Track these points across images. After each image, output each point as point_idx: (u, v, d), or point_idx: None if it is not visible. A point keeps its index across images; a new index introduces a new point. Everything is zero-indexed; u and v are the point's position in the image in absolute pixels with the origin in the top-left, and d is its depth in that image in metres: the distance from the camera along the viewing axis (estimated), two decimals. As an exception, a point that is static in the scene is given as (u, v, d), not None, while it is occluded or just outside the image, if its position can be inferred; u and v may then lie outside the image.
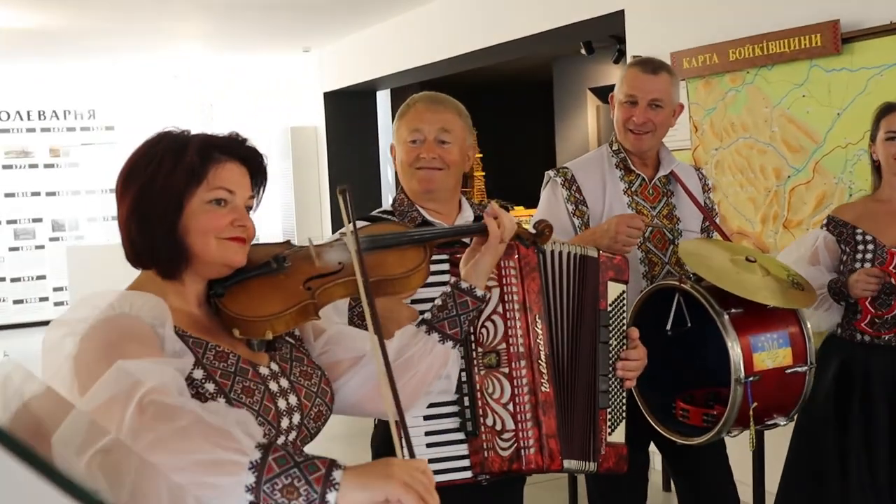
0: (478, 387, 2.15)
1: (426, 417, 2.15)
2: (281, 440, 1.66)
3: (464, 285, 1.96)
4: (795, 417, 2.82)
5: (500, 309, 2.16)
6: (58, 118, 10.93)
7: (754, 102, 4.50)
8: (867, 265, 3.03)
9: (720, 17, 4.66)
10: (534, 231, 2.12)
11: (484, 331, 2.16)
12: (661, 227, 3.02)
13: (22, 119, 10.81)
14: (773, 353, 2.65)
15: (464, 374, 2.14)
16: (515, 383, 2.15)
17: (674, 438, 2.81)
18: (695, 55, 4.72)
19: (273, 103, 10.28)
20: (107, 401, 1.38)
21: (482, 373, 2.15)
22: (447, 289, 1.97)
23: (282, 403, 1.68)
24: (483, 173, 11.29)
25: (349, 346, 1.87)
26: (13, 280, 10.75)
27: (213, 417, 1.40)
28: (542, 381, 2.17)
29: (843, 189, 4.10)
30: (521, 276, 2.18)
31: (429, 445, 2.15)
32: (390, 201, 2.58)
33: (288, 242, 1.90)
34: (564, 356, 2.24)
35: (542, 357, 2.18)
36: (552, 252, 2.24)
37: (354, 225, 1.66)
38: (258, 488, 1.37)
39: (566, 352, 2.24)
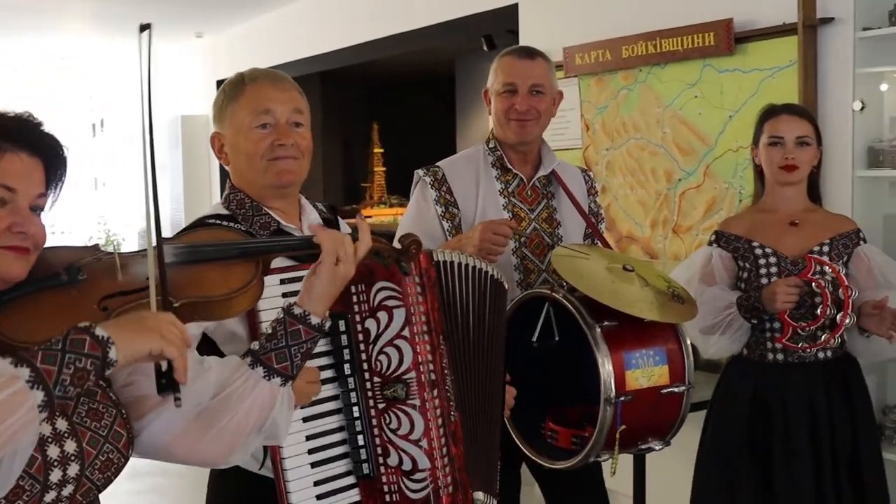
0: (374, 422, 1.87)
1: (314, 464, 1.86)
2: (50, 497, 1.37)
3: (297, 311, 1.64)
4: (672, 441, 2.62)
5: (406, 332, 1.87)
6: (-64, 99, 10.35)
7: (646, 102, 4.36)
8: (774, 279, 2.83)
9: (614, 13, 4.52)
10: (398, 247, 1.80)
11: (383, 358, 1.87)
12: (540, 231, 2.81)
13: None
14: (647, 370, 2.45)
15: (355, 409, 1.87)
16: (429, 416, 1.88)
17: (541, 461, 2.60)
18: (587, 51, 4.56)
19: (163, 90, 9.87)
20: None
21: (381, 406, 1.88)
22: (279, 314, 1.66)
23: (53, 451, 1.38)
24: (384, 169, 11.08)
25: None
26: None
27: None
28: (451, 408, 1.92)
29: (734, 194, 3.98)
30: (425, 293, 1.90)
31: (319, 497, 1.86)
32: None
33: (95, 247, 1.57)
34: (466, 377, 1.99)
35: (448, 382, 1.92)
36: (446, 262, 1.99)
37: (150, 122, 1.36)
38: (51, 398, 1.22)
39: (467, 372, 2.00)
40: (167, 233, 1.58)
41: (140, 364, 1.53)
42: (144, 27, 1.39)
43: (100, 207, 11.03)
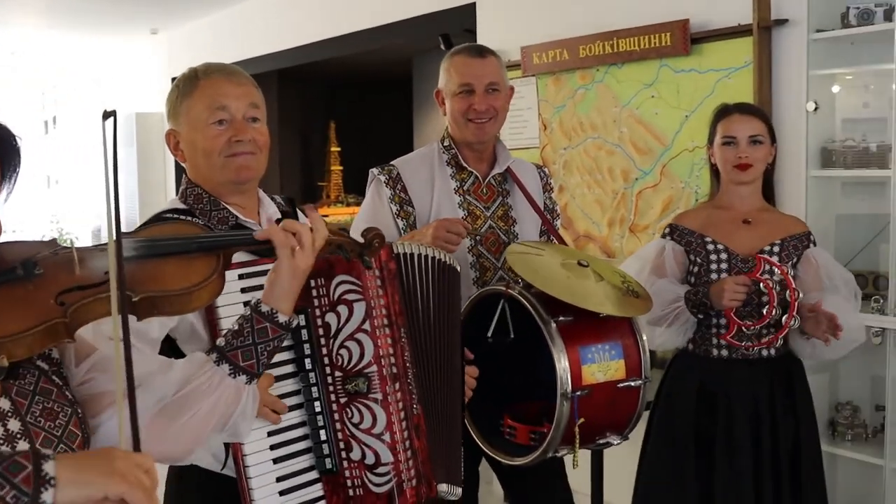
0: (336, 416, 1.86)
1: (276, 460, 1.84)
2: None
3: (264, 309, 1.63)
4: (630, 435, 2.63)
5: (367, 326, 1.86)
6: None
7: (604, 101, 4.38)
8: (724, 275, 2.87)
9: (571, 13, 4.53)
10: (361, 240, 1.78)
11: (344, 352, 1.86)
12: (496, 229, 2.81)
13: None
14: (604, 365, 2.45)
15: (317, 404, 1.86)
16: (392, 409, 1.87)
17: (499, 458, 2.60)
18: (545, 50, 4.57)
19: (117, 87, 9.75)
20: None
21: (343, 401, 1.86)
22: (246, 311, 1.65)
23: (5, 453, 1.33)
24: (341, 168, 11.02)
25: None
26: None
27: None
28: (414, 401, 1.91)
29: (690, 193, 4.01)
30: (385, 287, 1.90)
31: (282, 493, 1.84)
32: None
33: (53, 242, 1.53)
34: (428, 370, 1.99)
35: (410, 375, 1.91)
36: (406, 254, 1.98)
37: (116, 172, 1.31)
38: None
39: (429, 365, 1.99)
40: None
41: (99, 359, 1.53)
42: (109, 114, 1.33)
43: (52, 205, 10.87)
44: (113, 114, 1.34)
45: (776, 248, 2.91)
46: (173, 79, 2.10)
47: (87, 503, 1.20)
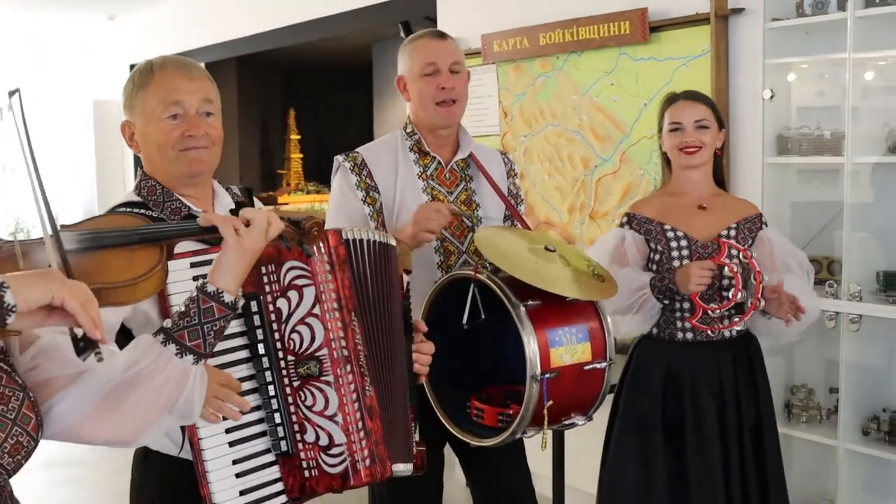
0: (290, 399, 1.91)
1: (231, 444, 1.88)
2: None
3: (210, 289, 1.64)
4: (594, 416, 2.67)
5: (316, 310, 1.92)
6: None
7: (564, 89, 4.41)
8: (685, 261, 2.92)
9: (531, 1, 4.55)
10: (300, 229, 1.82)
11: (296, 336, 1.92)
12: (461, 213, 2.84)
13: None
14: (571, 348, 2.49)
15: (271, 388, 1.90)
16: (343, 391, 1.94)
17: (467, 440, 2.63)
18: (505, 38, 4.59)
19: (74, 73, 9.62)
20: None
21: (296, 384, 1.91)
22: (193, 291, 1.67)
23: None
24: (301, 156, 10.99)
25: (66, 361, 1.51)
26: None
27: None
28: (366, 383, 1.96)
29: (649, 180, 4.05)
30: (334, 271, 1.95)
31: (238, 475, 1.89)
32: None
33: None
34: (379, 352, 2.04)
35: (363, 358, 1.96)
36: (355, 240, 2.02)
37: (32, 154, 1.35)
38: None
39: (380, 347, 2.04)
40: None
41: (44, 346, 1.53)
42: (13, 92, 1.38)
43: (7, 194, 10.72)
44: (17, 91, 1.40)
45: (733, 232, 2.97)
46: (132, 66, 2.12)
47: (38, 308, 1.29)
